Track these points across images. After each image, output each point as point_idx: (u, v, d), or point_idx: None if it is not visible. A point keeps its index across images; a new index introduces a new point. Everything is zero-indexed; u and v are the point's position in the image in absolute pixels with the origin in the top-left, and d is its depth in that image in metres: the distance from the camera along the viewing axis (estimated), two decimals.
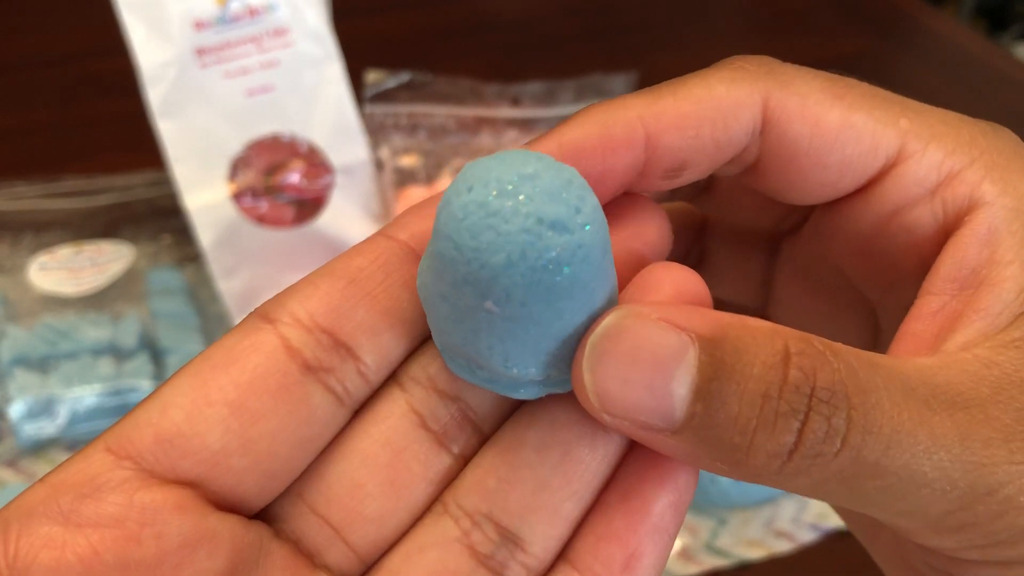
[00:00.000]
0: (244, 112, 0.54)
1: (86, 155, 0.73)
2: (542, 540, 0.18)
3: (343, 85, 0.55)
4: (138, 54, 0.52)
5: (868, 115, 0.19)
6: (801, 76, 0.19)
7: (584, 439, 0.18)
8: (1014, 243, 0.18)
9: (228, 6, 0.53)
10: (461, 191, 0.16)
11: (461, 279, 0.16)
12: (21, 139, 0.77)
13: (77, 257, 0.58)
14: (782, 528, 0.46)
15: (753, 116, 0.19)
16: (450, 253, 0.16)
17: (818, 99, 0.19)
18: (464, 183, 0.16)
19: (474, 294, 0.16)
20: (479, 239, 0.16)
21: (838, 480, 0.16)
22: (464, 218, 0.16)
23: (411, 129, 0.58)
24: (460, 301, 0.16)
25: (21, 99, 0.82)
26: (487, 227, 0.15)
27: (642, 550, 0.17)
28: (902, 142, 0.19)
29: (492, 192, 0.16)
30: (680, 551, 0.45)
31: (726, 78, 0.19)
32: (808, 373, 0.15)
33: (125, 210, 0.63)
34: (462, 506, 0.18)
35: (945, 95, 0.81)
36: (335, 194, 0.56)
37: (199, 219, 0.53)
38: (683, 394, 0.15)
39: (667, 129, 0.18)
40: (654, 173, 0.19)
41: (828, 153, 0.19)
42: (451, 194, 0.16)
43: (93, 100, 0.81)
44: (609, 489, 0.18)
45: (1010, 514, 0.16)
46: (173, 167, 0.53)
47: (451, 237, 0.16)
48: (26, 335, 0.52)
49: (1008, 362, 0.17)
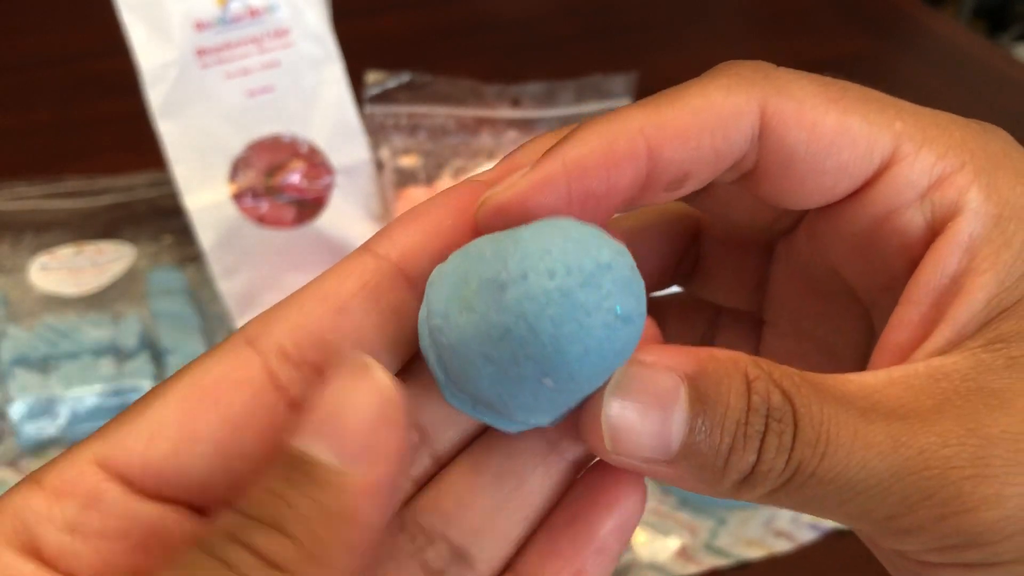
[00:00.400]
0: (245, 112, 0.54)
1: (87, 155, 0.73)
2: (490, 560, 0.19)
3: (343, 85, 0.55)
4: (139, 55, 0.52)
5: (863, 118, 0.19)
6: (796, 80, 0.19)
7: (539, 468, 0.19)
8: (991, 252, 0.18)
9: (229, 7, 0.53)
10: (541, 274, 0.16)
11: (525, 355, 0.16)
12: (22, 139, 0.77)
13: (78, 257, 0.59)
14: (781, 528, 0.46)
15: (751, 123, 0.19)
16: (521, 332, 0.16)
17: (814, 103, 0.19)
18: (541, 263, 0.16)
19: (535, 370, 0.16)
20: (561, 328, 0.16)
21: (787, 490, 0.17)
22: (547, 304, 0.16)
23: (411, 129, 0.58)
24: (513, 370, 0.17)
25: (22, 99, 0.82)
26: (572, 319, 0.16)
27: (586, 570, 0.19)
28: (896, 144, 0.19)
29: (576, 281, 0.16)
30: (680, 551, 0.45)
31: (723, 85, 0.19)
32: (764, 396, 0.17)
33: (126, 210, 0.63)
34: (420, 523, 0.19)
35: (944, 95, 0.81)
36: (335, 194, 0.56)
37: (200, 219, 0.53)
38: (679, 429, 0.17)
39: (668, 141, 0.18)
40: (657, 186, 0.19)
41: (825, 158, 0.19)
42: (528, 272, 0.16)
43: (94, 100, 0.81)
44: (558, 511, 0.19)
45: (952, 518, 0.17)
46: (174, 167, 0.53)
47: (527, 318, 0.16)
48: (27, 335, 0.52)
49: (958, 372, 0.18)
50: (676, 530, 0.46)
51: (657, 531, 0.46)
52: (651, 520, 0.47)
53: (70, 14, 0.94)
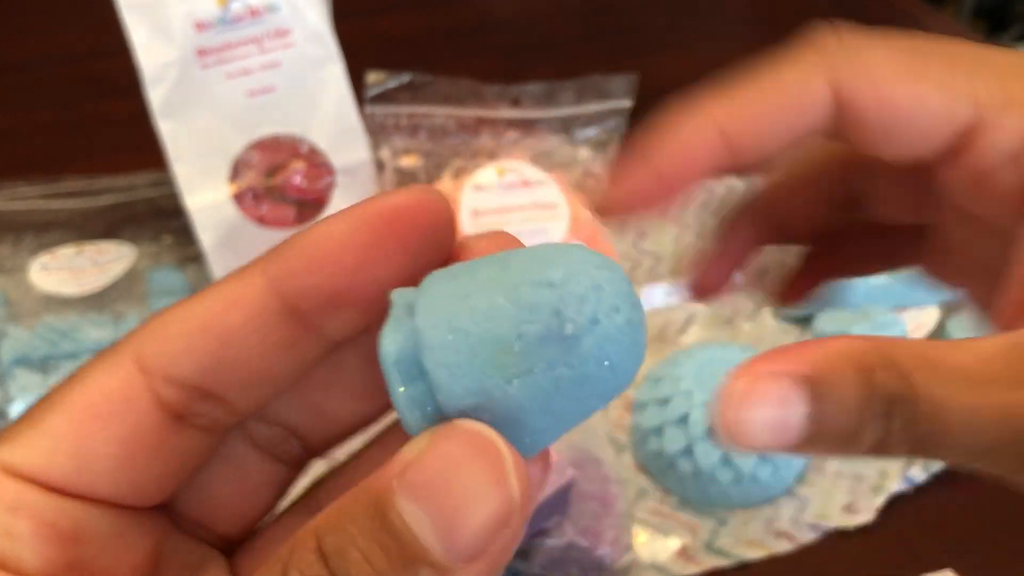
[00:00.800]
0: (245, 113, 0.54)
1: (88, 155, 0.73)
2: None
3: (344, 86, 0.55)
4: (139, 55, 0.52)
5: (940, 87, 0.20)
6: (874, 51, 0.20)
7: None
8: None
9: (229, 7, 0.53)
10: (609, 314, 0.16)
11: (590, 392, 0.16)
12: (22, 139, 0.77)
13: (78, 257, 0.59)
14: (782, 528, 0.46)
15: (823, 101, 0.20)
16: (603, 375, 0.16)
17: (889, 76, 0.20)
18: (604, 302, 0.16)
19: (594, 397, 0.17)
20: (636, 356, 0.17)
21: (917, 454, 0.19)
22: (624, 341, 0.16)
23: (411, 130, 0.58)
24: (559, 401, 0.16)
25: (23, 99, 0.83)
26: (639, 343, 0.17)
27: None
28: (977, 112, 0.20)
29: (633, 308, 0.17)
30: (680, 551, 0.45)
31: (796, 64, 0.20)
32: (883, 382, 0.18)
33: (126, 210, 0.63)
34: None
35: None
36: (336, 194, 0.56)
37: (200, 220, 0.54)
38: (798, 423, 0.18)
39: (741, 129, 0.20)
40: (741, 166, 0.21)
41: (903, 129, 0.20)
42: (597, 316, 0.16)
43: (95, 100, 0.81)
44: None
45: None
46: (174, 167, 0.53)
47: (611, 359, 0.16)
48: (27, 335, 0.52)
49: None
50: (676, 530, 0.46)
51: (658, 531, 0.46)
52: (652, 520, 0.47)
53: (71, 14, 0.94)
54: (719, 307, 0.57)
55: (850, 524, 0.46)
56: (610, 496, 0.44)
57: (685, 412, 0.47)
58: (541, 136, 0.60)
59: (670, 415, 0.47)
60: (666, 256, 0.63)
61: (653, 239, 0.64)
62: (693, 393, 0.47)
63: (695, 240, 0.64)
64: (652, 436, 0.48)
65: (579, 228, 0.57)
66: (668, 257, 0.63)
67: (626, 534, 0.44)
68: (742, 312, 0.57)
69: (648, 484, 0.49)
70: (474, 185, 0.56)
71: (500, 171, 0.57)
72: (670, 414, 0.47)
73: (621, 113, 0.60)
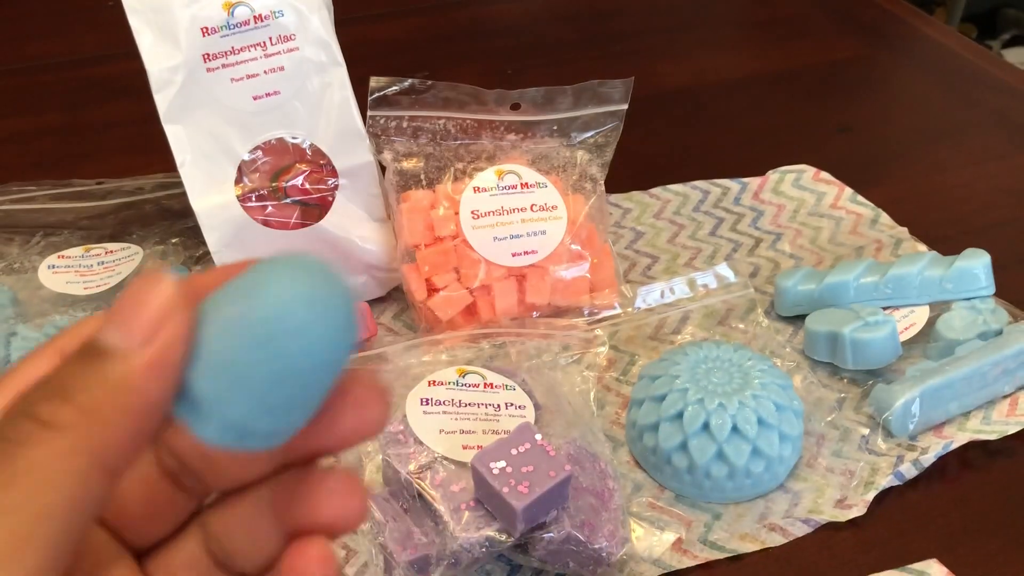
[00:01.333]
0: (250, 117, 0.54)
1: (96, 158, 0.74)
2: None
3: (347, 90, 0.56)
4: (146, 59, 0.52)
5: None
6: None
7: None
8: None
9: (234, 12, 0.53)
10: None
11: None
12: (32, 142, 0.78)
13: (87, 258, 0.59)
14: (774, 522, 0.47)
15: None
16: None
17: None
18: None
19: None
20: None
21: None
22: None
23: (413, 133, 0.59)
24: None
25: (31, 103, 0.83)
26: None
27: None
28: None
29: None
30: (675, 544, 0.46)
31: None
32: None
33: (134, 212, 0.64)
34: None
35: (936, 99, 0.82)
36: (339, 197, 0.57)
37: (206, 221, 0.54)
38: None
39: None
40: None
41: None
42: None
43: (102, 104, 0.82)
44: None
45: None
46: (181, 170, 0.54)
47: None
48: (36, 335, 0.52)
49: None
50: (672, 524, 0.47)
51: (654, 525, 0.47)
52: (647, 514, 0.48)
53: (79, 20, 0.95)
54: (714, 306, 0.58)
55: (841, 518, 0.47)
56: (607, 491, 0.45)
57: (680, 409, 0.47)
58: (540, 139, 0.61)
59: (665, 412, 0.48)
60: (661, 256, 0.64)
61: (648, 240, 0.66)
62: (688, 391, 0.48)
63: (689, 239, 0.65)
64: (648, 432, 0.49)
65: (576, 229, 0.57)
66: (663, 257, 0.64)
67: (623, 528, 0.44)
68: (736, 312, 0.58)
69: (644, 479, 0.49)
70: (474, 187, 0.57)
71: (499, 173, 0.58)
72: (665, 411, 0.48)
73: (618, 116, 0.61)
